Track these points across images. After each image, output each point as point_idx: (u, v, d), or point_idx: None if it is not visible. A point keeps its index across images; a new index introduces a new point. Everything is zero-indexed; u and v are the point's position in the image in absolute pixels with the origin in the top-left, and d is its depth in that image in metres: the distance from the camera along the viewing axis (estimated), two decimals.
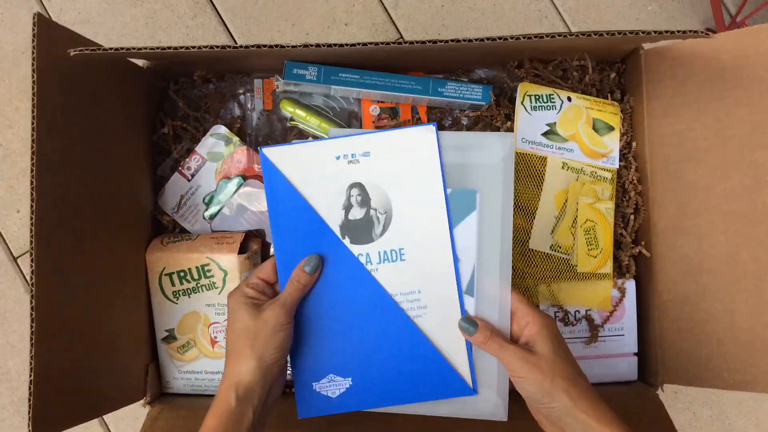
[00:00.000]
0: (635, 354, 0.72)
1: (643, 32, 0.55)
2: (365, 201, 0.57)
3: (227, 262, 0.69)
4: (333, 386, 0.59)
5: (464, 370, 0.58)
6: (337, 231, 0.57)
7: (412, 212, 0.57)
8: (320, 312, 0.58)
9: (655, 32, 0.55)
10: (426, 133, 0.56)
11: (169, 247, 0.70)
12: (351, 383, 0.59)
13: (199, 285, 0.70)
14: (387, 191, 0.57)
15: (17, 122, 0.95)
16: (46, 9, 0.95)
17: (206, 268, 0.69)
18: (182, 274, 0.70)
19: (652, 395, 0.69)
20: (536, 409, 0.55)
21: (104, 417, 0.93)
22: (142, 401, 0.69)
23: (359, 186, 0.57)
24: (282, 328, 0.54)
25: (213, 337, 0.71)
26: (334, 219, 0.57)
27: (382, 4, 0.98)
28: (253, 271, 0.59)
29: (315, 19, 0.97)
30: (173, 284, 0.70)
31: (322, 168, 0.57)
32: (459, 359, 0.58)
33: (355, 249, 0.57)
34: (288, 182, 0.57)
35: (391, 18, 0.99)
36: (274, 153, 0.57)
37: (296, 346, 0.58)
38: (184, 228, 0.73)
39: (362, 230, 0.57)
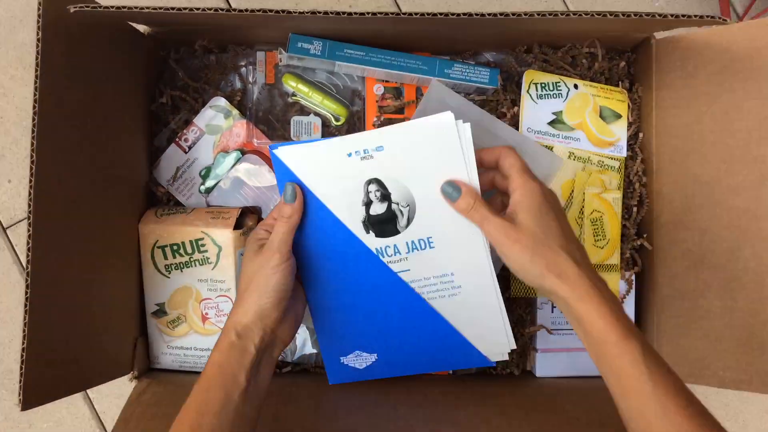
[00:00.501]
0: None
1: (659, 15, 0.54)
2: (385, 196, 0.55)
3: (222, 238, 0.67)
4: (360, 360, 0.61)
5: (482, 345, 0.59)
6: (360, 227, 0.56)
7: (437, 202, 0.55)
8: (343, 300, 0.58)
9: (671, 16, 0.54)
10: (443, 121, 0.54)
11: (163, 219, 0.68)
12: (376, 358, 0.61)
13: (192, 259, 0.68)
14: (407, 184, 0.55)
15: (12, 90, 0.92)
16: None
17: (200, 242, 0.68)
18: (175, 247, 0.68)
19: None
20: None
21: (89, 393, 0.91)
22: (129, 375, 0.67)
23: (377, 182, 0.55)
24: (275, 270, 0.53)
25: (204, 314, 0.70)
26: (354, 216, 0.56)
27: None
28: (275, 226, 0.57)
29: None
30: (166, 257, 0.69)
31: (334, 166, 0.55)
32: (492, 329, 0.58)
33: (382, 242, 0.56)
34: (300, 181, 0.55)
35: (395, 1, 0.97)
36: (285, 152, 0.55)
37: (322, 326, 0.60)
38: (178, 201, 0.72)
39: (387, 224, 0.56)
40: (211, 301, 0.69)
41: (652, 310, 0.70)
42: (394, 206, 0.56)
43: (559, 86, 0.69)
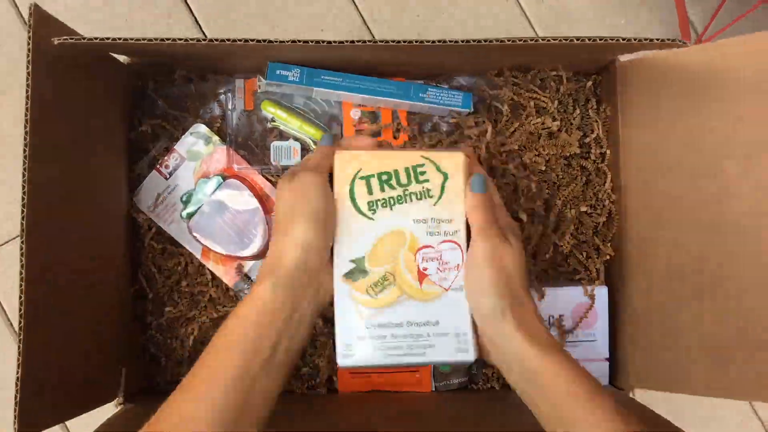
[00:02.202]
0: (606, 359, 0.74)
1: (622, 39, 0.56)
2: None
3: (449, 163, 0.55)
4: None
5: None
6: None
7: None
8: None
9: (633, 39, 0.56)
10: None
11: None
12: None
13: (407, 193, 0.54)
14: None
15: None
16: (15, 2, 0.94)
17: (419, 169, 0.54)
18: (385, 177, 0.54)
19: (624, 397, 0.70)
20: None
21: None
22: (114, 402, 0.67)
23: None
24: (318, 190, 0.50)
25: (422, 269, 0.53)
26: None
27: (359, 11, 0.99)
28: (310, 155, 0.56)
29: (292, 23, 0.97)
30: (370, 191, 0.54)
31: None
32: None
33: None
34: None
35: (367, 26, 0.99)
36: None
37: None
38: (160, 227, 0.72)
39: None
40: (432, 250, 0.53)
41: (625, 322, 0.72)
42: None
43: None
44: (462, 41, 0.56)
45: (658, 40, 0.57)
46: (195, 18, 0.96)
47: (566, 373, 0.45)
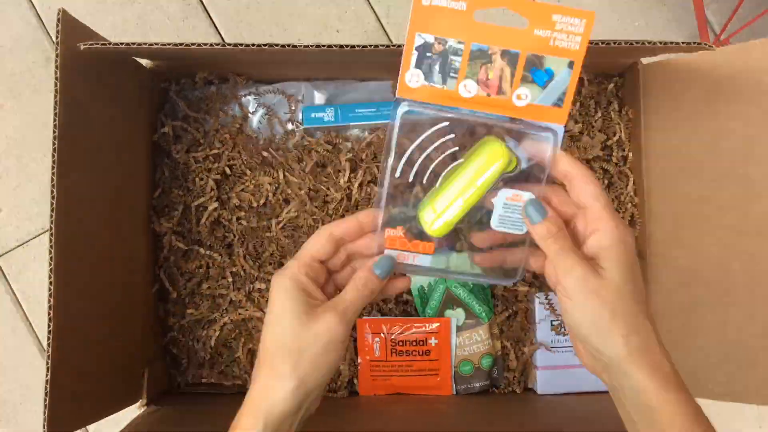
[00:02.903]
0: None
1: (646, 42, 0.56)
2: None
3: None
4: None
5: None
6: None
7: None
8: None
9: (657, 43, 0.56)
10: None
11: None
12: None
13: None
14: None
15: (2, 119, 0.93)
16: (34, 6, 0.94)
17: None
18: None
19: None
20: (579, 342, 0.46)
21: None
22: (137, 404, 0.67)
23: None
24: (336, 347, 0.43)
25: None
26: None
27: (374, 11, 0.99)
28: (302, 248, 0.46)
29: (306, 24, 0.97)
30: None
31: None
32: None
33: None
34: None
35: (382, 26, 0.99)
36: None
37: None
38: (181, 231, 0.73)
39: None
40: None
41: None
42: None
43: None
44: None
45: (683, 43, 0.57)
46: (211, 19, 0.96)
47: (683, 419, 0.41)
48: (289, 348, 0.42)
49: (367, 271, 0.46)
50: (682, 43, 0.57)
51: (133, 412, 0.67)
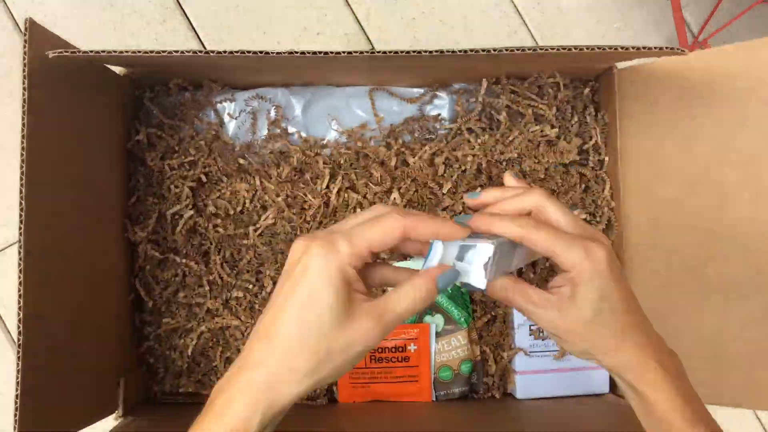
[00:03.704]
0: None
1: (621, 48, 0.56)
2: None
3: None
4: None
5: None
6: None
7: None
8: None
9: (632, 48, 0.56)
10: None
11: None
12: None
13: None
14: None
15: None
16: (10, 11, 0.93)
17: None
18: None
19: (624, 406, 0.70)
20: None
21: None
22: (114, 414, 0.67)
23: None
24: (363, 355, 0.38)
25: None
26: None
27: (354, 14, 0.98)
28: (359, 229, 0.39)
29: (286, 27, 0.97)
30: None
31: None
32: None
33: None
34: None
35: (362, 29, 0.99)
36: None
37: None
38: (156, 240, 0.72)
39: None
40: None
41: None
42: None
43: None
44: (460, 51, 0.55)
45: (656, 48, 0.57)
46: (190, 22, 0.96)
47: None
48: (315, 346, 0.36)
49: (431, 281, 0.40)
50: (656, 48, 0.57)
51: (109, 423, 0.66)
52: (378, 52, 0.57)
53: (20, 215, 0.51)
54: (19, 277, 0.51)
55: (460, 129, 0.73)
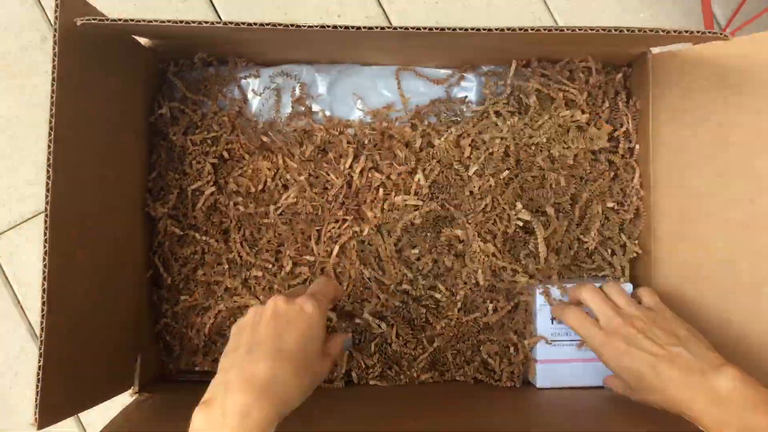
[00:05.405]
0: None
1: (661, 30, 0.54)
2: None
3: None
4: None
5: None
6: None
7: None
8: None
9: (668, 31, 0.54)
10: None
11: None
12: None
13: None
14: None
15: None
16: None
17: None
18: None
19: None
20: None
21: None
22: (129, 391, 0.66)
23: None
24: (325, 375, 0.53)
25: None
26: None
27: None
28: (322, 290, 0.57)
29: (307, 9, 0.95)
30: None
31: None
32: None
33: None
34: None
35: (384, 12, 0.97)
36: None
37: None
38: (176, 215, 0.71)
39: None
40: None
41: None
42: None
43: None
44: (485, 29, 0.54)
45: (697, 32, 0.55)
46: (211, 2, 0.94)
47: None
48: (313, 368, 0.49)
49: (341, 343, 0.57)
50: (697, 32, 0.55)
51: (125, 399, 0.65)
52: (410, 28, 0.55)
53: (47, 183, 0.50)
54: (45, 247, 0.50)
55: (487, 112, 0.72)
